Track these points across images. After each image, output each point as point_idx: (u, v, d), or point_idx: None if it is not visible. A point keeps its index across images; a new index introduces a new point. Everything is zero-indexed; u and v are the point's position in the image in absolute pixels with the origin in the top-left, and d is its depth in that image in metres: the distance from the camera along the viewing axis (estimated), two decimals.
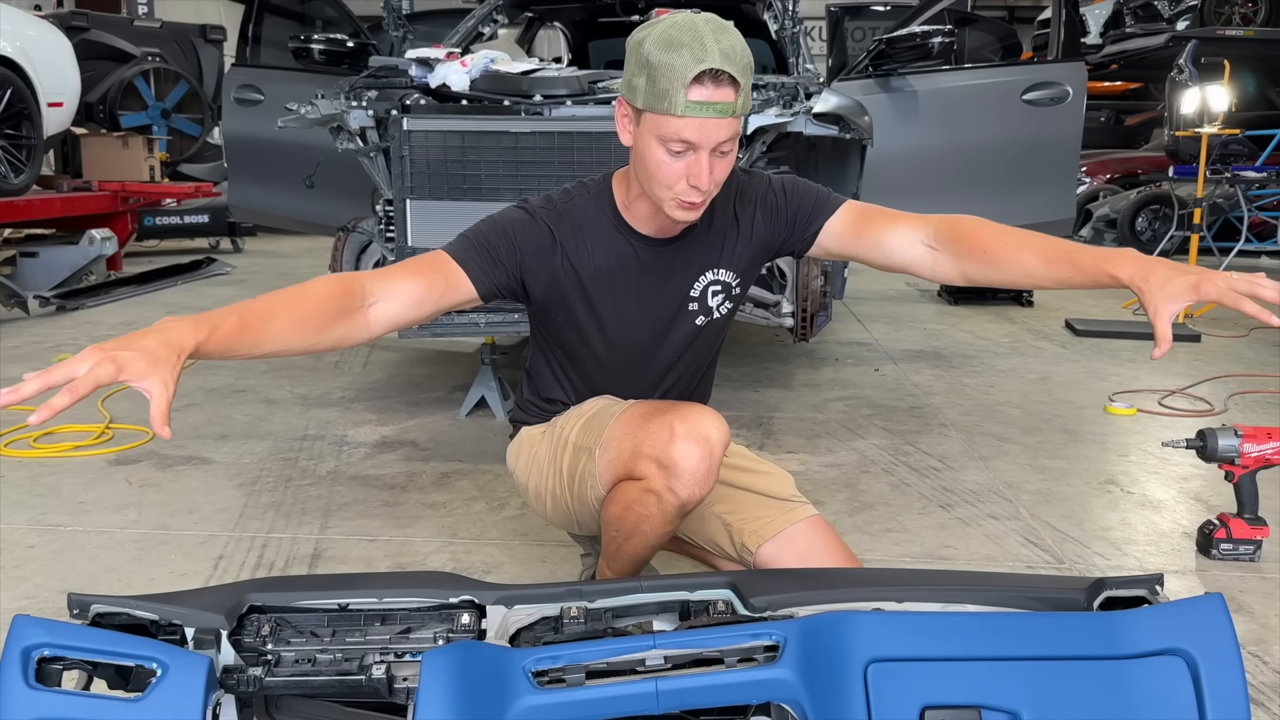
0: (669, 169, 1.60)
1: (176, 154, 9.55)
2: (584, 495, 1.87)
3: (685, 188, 1.61)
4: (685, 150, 1.58)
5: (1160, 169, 10.16)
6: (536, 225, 1.75)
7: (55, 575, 2.37)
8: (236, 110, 4.72)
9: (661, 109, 1.55)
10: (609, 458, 1.78)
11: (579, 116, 3.20)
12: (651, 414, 1.75)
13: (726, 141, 1.59)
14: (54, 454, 3.27)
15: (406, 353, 4.85)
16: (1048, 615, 1.28)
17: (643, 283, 1.82)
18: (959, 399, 4.12)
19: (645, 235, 1.79)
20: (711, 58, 1.52)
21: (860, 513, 2.83)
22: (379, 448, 3.39)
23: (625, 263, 1.80)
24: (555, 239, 1.75)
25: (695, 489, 1.71)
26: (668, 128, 1.56)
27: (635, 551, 1.82)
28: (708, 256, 1.84)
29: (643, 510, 1.75)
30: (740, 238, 1.85)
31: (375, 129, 3.32)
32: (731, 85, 1.55)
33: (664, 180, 1.62)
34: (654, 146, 1.60)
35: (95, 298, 6.30)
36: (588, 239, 1.78)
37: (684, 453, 1.68)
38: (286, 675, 1.33)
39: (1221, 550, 2.52)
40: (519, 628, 1.38)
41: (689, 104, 1.54)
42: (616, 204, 1.79)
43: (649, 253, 1.80)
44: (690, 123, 1.55)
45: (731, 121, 1.58)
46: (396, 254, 3.30)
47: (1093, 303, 6.81)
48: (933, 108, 4.22)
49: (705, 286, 1.86)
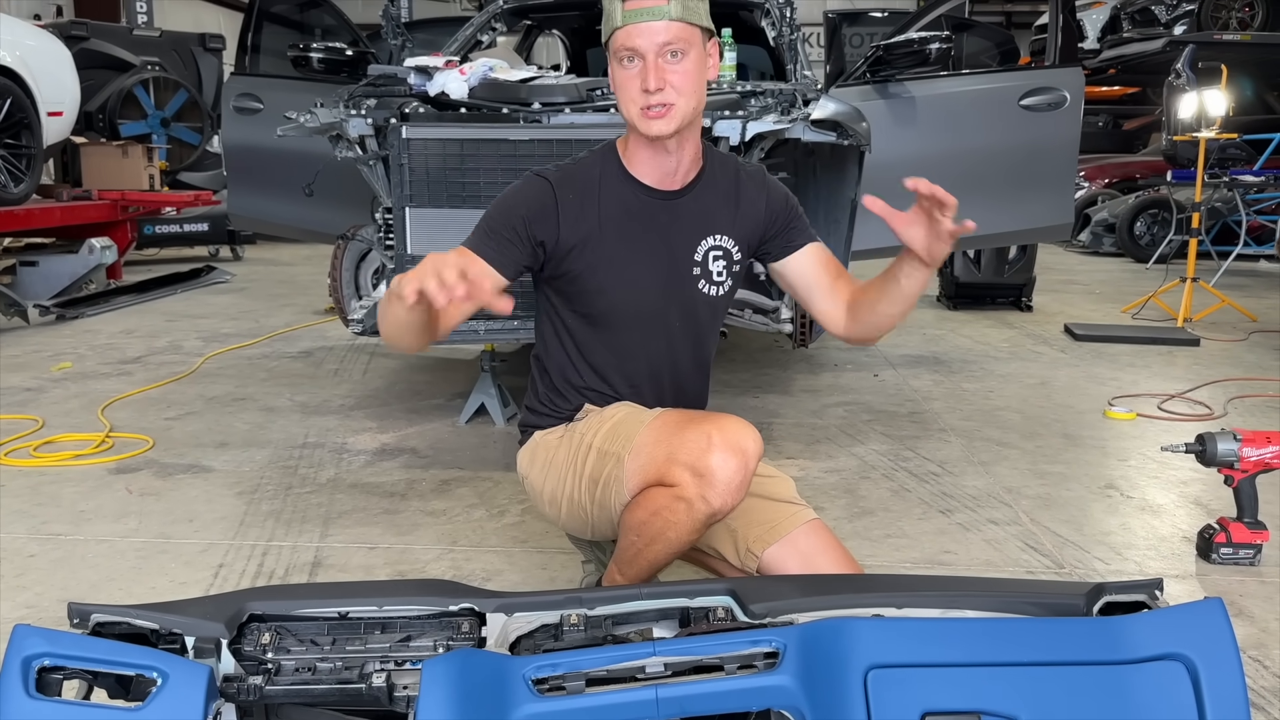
0: (629, 83, 1.78)
1: (176, 162, 9.55)
2: (606, 500, 1.88)
3: (642, 94, 1.77)
4: (634, 59, 1.76)
5: (1158, 173, 10.19)
6: (539, 185, 1.88)
7: (56, 584, 2.37)
8: (236, 119, 4.72)
9: (609, 29, 1.78)
10: (639, 463, 1.80)
11: (578, 124, 3.21)
12: (687, 422, 1.79)
13: (669, 45, 1.75)
14: (54, 463, 3.27)
15: (406, 360, 4.86)
16: (1047, 620, 1.28)
17: (647, 236, 1.91)
18: (958, 404, 4.12)
19: (648, 186, 1.90)
20: None
21: (860, 518, 2.84)
22: (379, 455, 3.39)
23: (631, 211, 1.90)
24: (555, 191, 1.87)
25: (728, 499, 1.74)
26: (616, 43, 1.77)
27: (654, 557, 1.83)
28: (709, 220, 1.95)
29: (671, 517, 1.76)
30: (740, 212, 1.97)
31: (374, 137, 3.33)
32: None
33: (628, 95, 1.79)
34: (615, 70, 1.80)
35: (95, 306, 6.31)
36: (596, 190, 1.89)
37: (721, 462, 1.71)
38: (286, 684, 1.33)
39: (1221, 554, 2.52)
40: (519, 635, 1.38)
41: (625, 13, 1.75)
42: (620, 158, 1.92)
43: (653, 204, 1.91)
44: (629, 30, 1.75)
45: (670, 25, 1.74)
46: (396, 262, 3.30)
47: (1092, 307, 6.82)
48: (930, 114, 4.22)
49: (708, 251, 1.96)
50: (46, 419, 3.76)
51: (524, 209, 1.85)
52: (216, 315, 6.24)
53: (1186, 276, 6.18)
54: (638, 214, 1.90)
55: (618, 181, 1.90)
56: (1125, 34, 11.52)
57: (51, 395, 4.15)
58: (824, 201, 3.90)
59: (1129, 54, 11.57)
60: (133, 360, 4.86)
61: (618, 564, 1.92)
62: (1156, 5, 11.01)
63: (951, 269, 6.59)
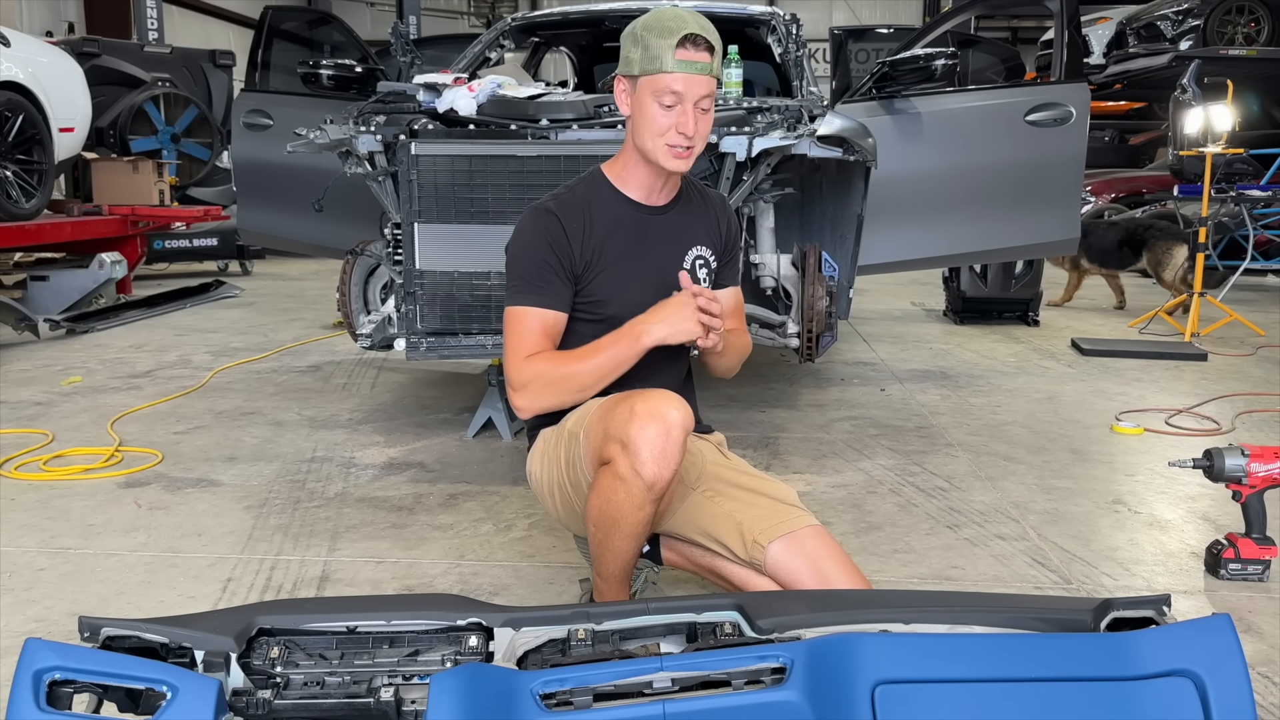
0: (661, 120, 1.94)
1: (186, 178, 9.62)
2: (578, 481, 2.01)
3: (675, 135, 1.95)
4: (675, 103, 1.93)
5: (1165, 188, 10.17)
6: (548, 221, 2.02)
7: (65, 598, 2.38)
8: (246, 135, 4.76)
9: (654, 69, 1.92)
10: (589, 441, 1.94)
11: (585, 140, 3.23)
12: (621, 399, 1.90)
13: (706, 98, 1.95)
14: (63, 477, 3.29)
15: (414, 374, 4.87)
16: (1055, 636, 1.28)
17: (640, 246, 2.08)
18: (965, 419, 4.12)
19: (636, 201, 2.08)
20: (691, 26, 1.92)
21: (867, 533, 2.83)
22: (386, 469, 3.40)
23: (624, 224, 2.07)
24: (563, 223, 2.01)
25: (655, 467, 1.81)
26: (660, 83, 1.93)
27: (618, 549, 1.91)
28: (691, 232, 2.14)
29: (614, 498, 1.86)
30: (710, 227, 2.18)
31: (384, 153, 3.35)
32: (708, 49, 1.93)
33: (658, 130, 1.95)
34: (649, 103, 1.95)
35: (105, 321, 6.34)
36: (593, 212, 2.05)
37: (640, 430, 1.81)
38: (295, 698, 1.33)
39: (1230, 570, 2.51)
40: (526, 650, 1.39)
41: (676, 61, 1.91)
42: (610, 180, 2.09)
43: (643, 218, 2.09)
44: (678, 77, 1.92)
45: (710, 80, 1.95)
46: (404, 277, 3.32)
47: (1099, 322, 6.82)
48: (936, 129, 4.24)
49: (694, 259, 2.14)
50: (56, 433, 3.78)
51: (549, 248, 2.00)
52: (225, 330, 6.27)
53: (1194, 291, 6.18)
54: (629, 226, 2.07)
55: (609, 201, 2.07)
56: (1131, 49, 11.55)
57: (61, 409, 4.17)
58: (830, 217, 3.92)
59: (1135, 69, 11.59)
60: (142, 374, 4.88)
61: (595, 570, 2.02)
62: (1162, 20, 11.04)
63: (958, 283, 6.60)
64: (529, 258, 2.01)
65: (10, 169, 6.13)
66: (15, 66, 6.08)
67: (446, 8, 21.64)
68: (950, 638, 1.30)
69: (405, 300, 3.33)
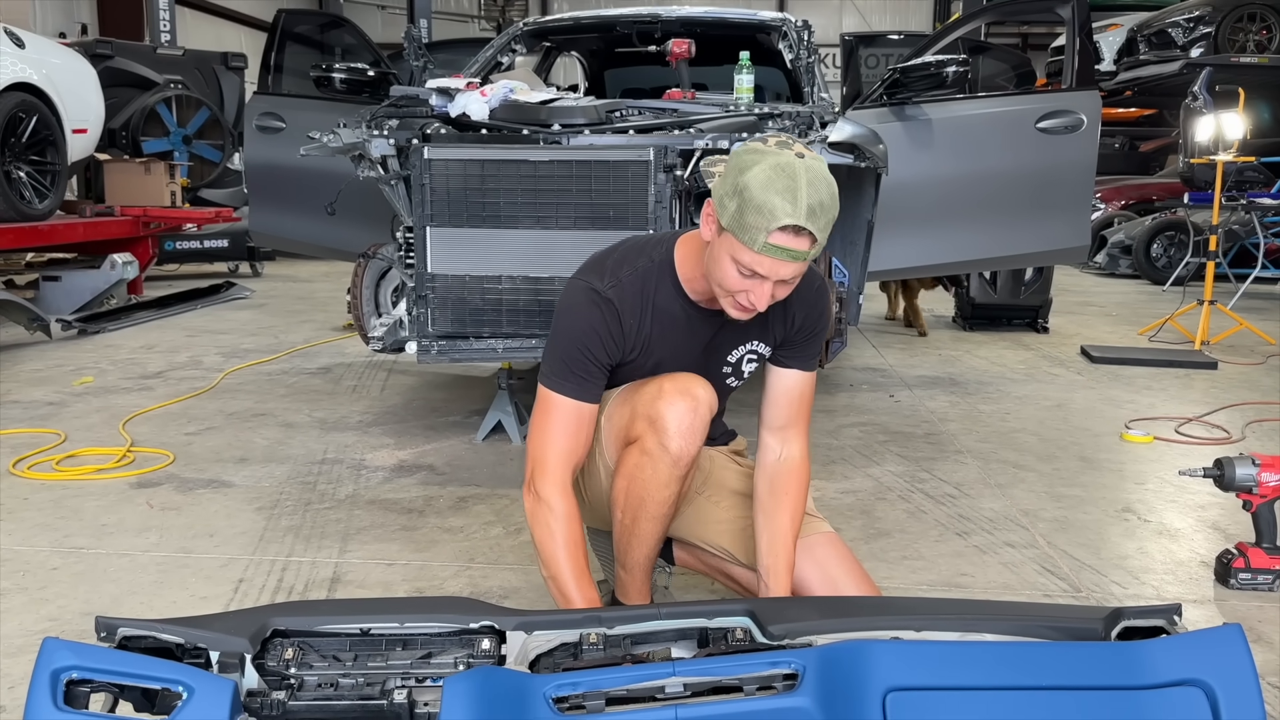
0: (735, 281, 1.75)
1: (197, 179, 9.66)
2: (594, 468, 2.02)
3: (745, 299, 1.77)
4: (753, 276, 1.72)
5: (1175, 195, 10.16)
6: (602, 316, 1.89)
7: (78, 598, 2.39)
8: (258, 137, 4.78)
9: (742, 239, 1.69)
10: (612, 426, 1.95)
11: (596, 145, 3.24)
12: (644, 381, 1.92)
13: (793, 278, 1.75)
14: (76, 477, 3.30)
15: (424, 377, 4.89)
16: (1066, 645, 1.29)
17: (690, 342, 1.97)
18: (975, 426, 4.12)
19: (699, 305, 1.94)
20: (799, 214, 1.64)
21: (876, 540, 2.83)
22: (397, 472, 3.42)
23: (679, 325, 1.95)
24: (620, 318, 1.89)
25: (682, 442, 1.84)
26: (743, 255, 1.70)
27: (644, 533, 1.93)
28: (750, 330, 1.97)
29: (640, 475, 1.88)
30: (782, 323, 1.98)
31: (396, 157, 3.37)
32: (810, 238, 1.67)
33: (728, 287, 1.77)
34: (727, 261, 1.74)
35: (116, 321, 6.37)
36: (650, 306, 1.92)
37: (668, 405, 1.84)
38: (309, 699, 1.34)
39: (1240, 580, 2.51)
40: (539, 654, 1.40)
41: (767, 245, 1.67)
42: (678, 276, 1.92)
43: (700, 319, 1.95)
44: (764, 260, 1.69)
45: (801, 266, 1.73)
46: (416, 280, 3.33)
47: (1108, 329, 6.80)
48: (947, 136, 4.24)
49: (742, 355, 2.02)
50: (68, 433, 3.80)
51: (600, 342, 1.88)
52: (236, 331, 6.30)
53: (1204, 299, 6.16)
54: (684, 327, 1.95)
55: (669, 296, 1.92)
56: (1142, 56, 11.53)
57: (73, 409, 4.19)
58: (840, 224, 3.91)
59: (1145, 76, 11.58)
60: (153, 375, 4.91)
61: (619, 562, 2.03)
62: (1173, 28, 11.02)
63: (967, 290, 6.59)
64: (575, 344, 1.88)
65: (24, 170, 6.17)
66: (29, 68, 6.12)
67: (457, 10, 21.69)
68: (962, 645, 1.31)
69: (417, 303, 3.34)
